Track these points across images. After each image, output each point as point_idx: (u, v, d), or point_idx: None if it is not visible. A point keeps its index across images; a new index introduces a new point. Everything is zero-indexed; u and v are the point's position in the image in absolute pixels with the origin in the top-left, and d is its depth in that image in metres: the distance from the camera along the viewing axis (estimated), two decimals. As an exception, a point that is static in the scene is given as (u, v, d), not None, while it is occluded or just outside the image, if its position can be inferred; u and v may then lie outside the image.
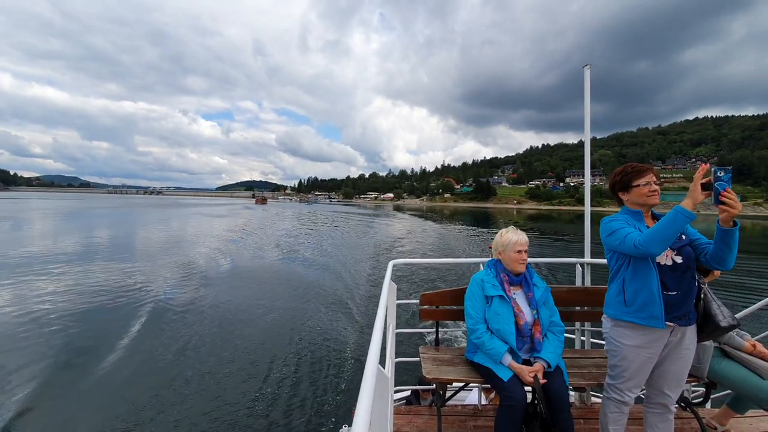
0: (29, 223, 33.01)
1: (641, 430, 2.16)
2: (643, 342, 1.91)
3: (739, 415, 2.52)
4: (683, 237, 1.95)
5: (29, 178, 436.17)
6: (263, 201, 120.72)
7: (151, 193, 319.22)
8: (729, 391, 2.47)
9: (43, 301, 10.35)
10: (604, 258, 2.80)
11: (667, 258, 1.89)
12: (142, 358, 7.00)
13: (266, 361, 6.89)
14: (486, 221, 56.61)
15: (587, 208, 3.29)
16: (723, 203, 1.63)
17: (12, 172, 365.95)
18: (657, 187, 1.94)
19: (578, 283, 3.10)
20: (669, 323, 1.88)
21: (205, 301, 10.58)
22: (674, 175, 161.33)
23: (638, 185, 1.95)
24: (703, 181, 1.67)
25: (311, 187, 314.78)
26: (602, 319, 2.12)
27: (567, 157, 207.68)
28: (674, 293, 1.88)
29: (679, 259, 1.89)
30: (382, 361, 1.23)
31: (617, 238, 1.90)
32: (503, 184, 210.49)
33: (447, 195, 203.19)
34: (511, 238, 2.35)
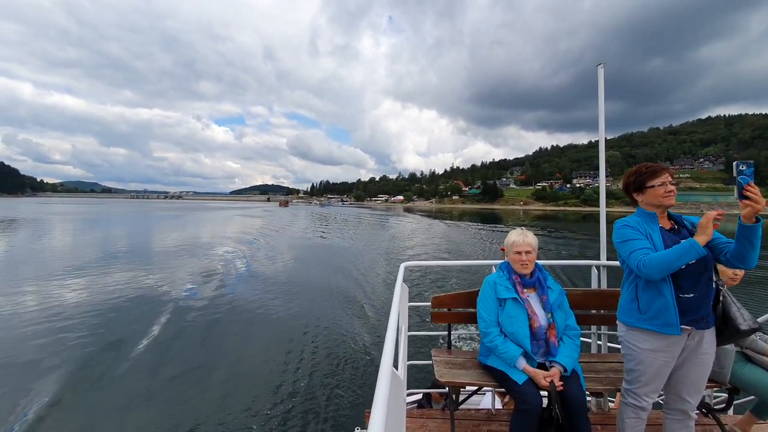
0: (81, 226, 36.46)
1: None
2: (659, 346, 1.86)
3: (763, 422, 2.43)
4: None
5: (54, 184, 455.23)
6: (285, 204, 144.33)
7: (172, 197, 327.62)
8: (752, 397, 2.40)
9: (100, 293, 11.49)
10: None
11: None
12: (164, 354, 7.33)
13: (282, 360, 7.08)
14: (494, 222, 58.83)
15: (602, 209, 3.21)
16: (746, 198, 1.56)
17: (38, 179, 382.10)
18: (673, 188, 1.89)
19: (594, 285, 3.05)
20: (685, 327, 1.82)
21: (236, 296, 11.34)
22: (681, 175, 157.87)
23: (653, 186, 1.89)
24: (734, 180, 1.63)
25: (323, 191, 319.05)
26: (617, 323, 2.09)
27: (576, 158, 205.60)
28: (690, 296, 1.82)
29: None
30: (395, 364, 1.23)
31: (626, 250, 1.87)
32: (511, 185, 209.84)
33: (455, 197, 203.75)
34: (513, 239, 2.34)
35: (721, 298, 1.87)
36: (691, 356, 1.89)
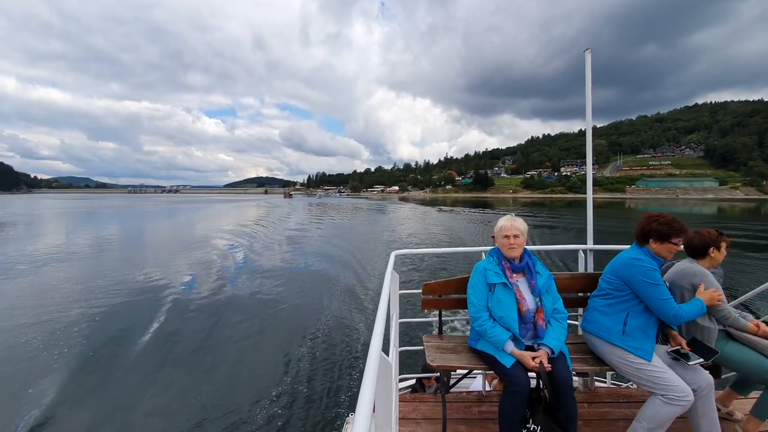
0: (101, 220, 37.92)
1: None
2: None
3: (743, 397, 2.55)
4: None
5: (49, 180, 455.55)
6: (289, 195, 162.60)
7: (169, 191, 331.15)
8: (733, 373, 2.47)
9: (116, 285, 11.63)
10: (606, 245, 3.03)
11: None
12: (167, 345, 7.40)
13: (283, 349, 7.19)
14: (484, 207, 63.89)
15: (589, 195, 3.23)
16: None
17: (32, 176, 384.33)
18: (682, 248, 2.24)
19: (581, 269, 3.11)
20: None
21: (238, 288, 11.47)
22: (662, 162, 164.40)
23: (674, 243, 2.14)
24: None
25: (320, 182, 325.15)
26: (593, 338, 2.33)
27: (565, 147, 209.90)
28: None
29: None
30: (386, 350, 1.28)
31: (659, 294, 2.07)
32: (502, 174, 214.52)
33: (449, 186, 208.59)
34: (502, 224, 2.39)
35: None
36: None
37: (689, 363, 2.09)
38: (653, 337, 2.16)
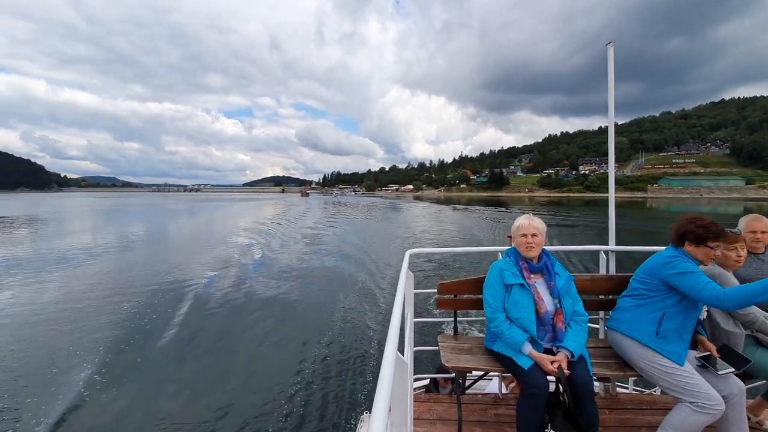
0: (132, 217, 41.25)
1: None
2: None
3: None
4: None
5: (77, 180, 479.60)
6: (306, 194, 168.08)
7: (191, 190, 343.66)
8: (763, 381, 2.35)
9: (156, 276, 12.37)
10: (630, 246, 3.00)
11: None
12: (188, 340, 7.58)
13: (300, 347, 7.26)
14: (499, 206, 64.30)
15: (611, 195, 3.11)
16: None
17: (63, 175, 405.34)
18: (719, 254, 2.11)
19: (602, 270, 3.00)
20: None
21: (257, 285, 11.68)
22: (687, 160, 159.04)
23: (711, 247, 2.02)
24: None
25: (335, 181, 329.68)
26: (621, 338, 2.24)
27: (584, 145, 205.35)
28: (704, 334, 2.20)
29: None
30: (401, 349, 1.26)
31: (695, 281, 1.94)
32: (518, 173, 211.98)
33: (463, 185, 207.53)
34: (519, 223, 2.35)
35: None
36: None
37: (719, 372, 1.98)
38: (688, 341, 2.06)
